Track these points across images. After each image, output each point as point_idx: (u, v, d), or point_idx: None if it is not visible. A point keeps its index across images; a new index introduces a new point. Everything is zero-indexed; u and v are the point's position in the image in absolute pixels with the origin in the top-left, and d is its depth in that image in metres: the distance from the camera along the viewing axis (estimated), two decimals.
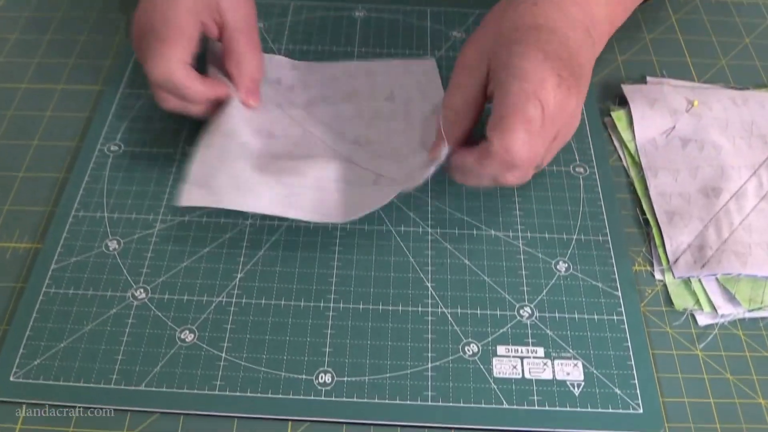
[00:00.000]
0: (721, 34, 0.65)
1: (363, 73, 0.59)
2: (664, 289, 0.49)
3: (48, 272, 0.48)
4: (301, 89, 0.57)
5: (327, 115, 0.55)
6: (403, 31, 0.64)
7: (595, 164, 0.54)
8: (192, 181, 0.48)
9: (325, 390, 0.43)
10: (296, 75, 0.58)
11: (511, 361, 0.45)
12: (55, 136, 0.56)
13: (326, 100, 0.56)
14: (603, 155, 0.55)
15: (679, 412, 0.44)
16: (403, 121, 0.54)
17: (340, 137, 0.53)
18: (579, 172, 0.54)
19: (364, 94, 0.57)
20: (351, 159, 0.51)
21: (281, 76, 0.58)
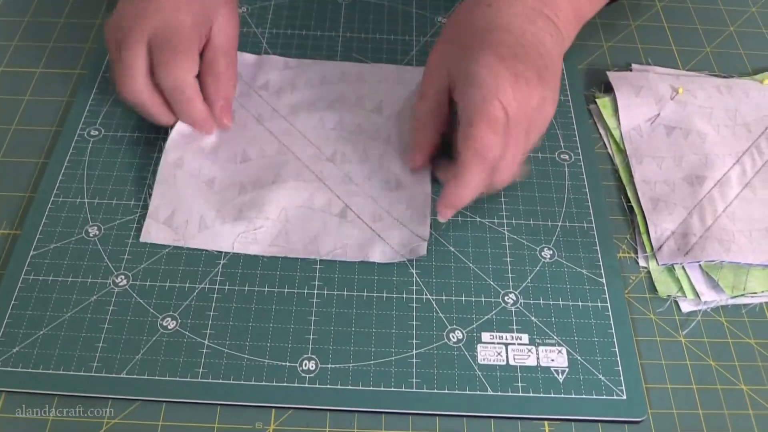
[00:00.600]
0: (706, 22, 0.66)
1: (354, 77, 0.58)
2: (647, 276, 0.49)
3: (27, 259, 0.47)
4: (289, 92, 0.56)
5: (308, 124, 0.54)
6: (388, 16, 0.63)
7: (580, 151, 0.54)
8: (154, 217, 0.49)
9: (309, 377, 0.43)
10: (287, 75, 0.58)
11: (496, 347, 0.45)
12: (34, 121, 0.55)
13: (311, 107, 0.55)
14: (588, 142, 0.55)
15: (662, 398, 0.44)
16: (383, 142, 0.53)
17: (315, 154, 0.53)
18: (564, 159, 0.54)
19: (351, 101, 0.56)
20: (323, 180, 0.51)
21: (270, 79, 0.57)
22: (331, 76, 0.58)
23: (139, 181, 0.51)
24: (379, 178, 0.51)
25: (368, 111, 0.55)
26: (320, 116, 0.55)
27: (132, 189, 0.51)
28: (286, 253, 0.48)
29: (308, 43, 0.61)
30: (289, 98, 0.56)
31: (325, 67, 0.58)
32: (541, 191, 0.52)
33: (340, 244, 0.48)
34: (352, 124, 0.54)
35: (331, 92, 0.57)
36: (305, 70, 0.58)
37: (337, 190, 0.50)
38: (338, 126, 0.54)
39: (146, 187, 0.51)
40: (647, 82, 0.58)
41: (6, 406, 0.42)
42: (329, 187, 0.51)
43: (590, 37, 0.63)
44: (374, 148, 0.53)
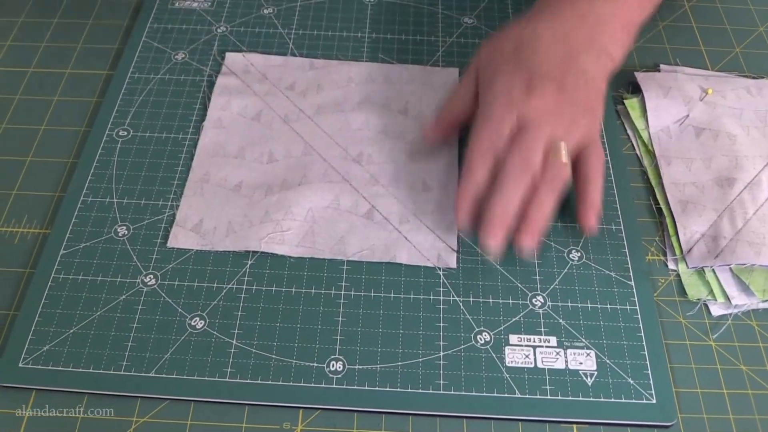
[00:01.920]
0: (736, 22, 0.65)
1: (381, 78, 0.58)
2: (677, 279, 0.48)
3: (57, 258, 0.47)
4: (314, 94, 0.57)
5: (334, 125, 0.54)
6: (414, 17, 0.63)
7: (608, 152, 0.54)
8: (182, 225, 0.49)
9: (337, 378, 0.43)
10: (312, 76, 0.58)
11: (524, 350, 0.44)
12: (63, 121, 0.56)
13: (337, 108, 0.56)
14: (616, 144, 0.55)
15: (692, 402, 0.43)
16: (409, 144, 0.54)
17: (341, 155, 0.53)
18: None
19: (377, 102, 0.56)
20: (349, 181, 0.51)
21: (296, 80, 0.57)
22: (357, 77, 0.58)
23: (167, 181, 0.51)
24: (406, 180, 0.51)
25: (395, 112, 0.55)
26: (346, 117, 0.55)
27: (160, 189, 0.51)
28: (313, 253, 0.48)
29: (334, 44, 0.61)
30: (315, 99, 0.56)
31: (351, 68, 0.58)
32: (569, 193, 0.51)
33: (366, 245, 0.48)
34: (378, 125, 0.54)
35: (357, 93, 0.57)
36: (331, 71, 0.58)
37: (364, 192, 0.50)
38: (364, 127, 0.54)
39: (174, 187, 0.51)
40: (676, 83, 0.57)
41: (36, 404, 0.42)
42: (355, 188, 0.51)
43: None
44: (400, 149, 0.53)
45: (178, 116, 0.55)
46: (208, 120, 0.55)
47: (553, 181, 0.46)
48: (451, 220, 0.49)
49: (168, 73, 0.58)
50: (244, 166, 0.52)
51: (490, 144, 0.47)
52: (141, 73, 0.58)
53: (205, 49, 0.60)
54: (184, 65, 0.59)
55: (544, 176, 0.46)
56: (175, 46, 0.60)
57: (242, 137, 0.54)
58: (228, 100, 0.56)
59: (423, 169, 0.52)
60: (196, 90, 0.57)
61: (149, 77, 0.58)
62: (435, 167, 0.52)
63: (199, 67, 0.59)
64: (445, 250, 0.48)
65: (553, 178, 0.46)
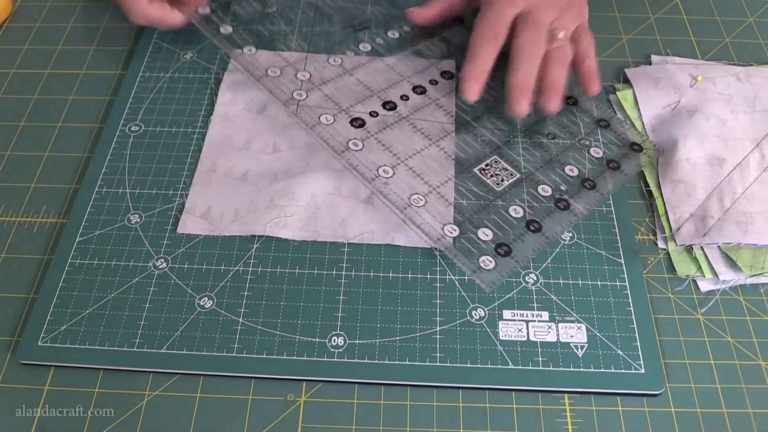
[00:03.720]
0: (725, 13, 0.67)
1: (383, 70, 0.60)
2: (666, 257, 0.50)
3: (73, 244, 0.50)
4: (317, 87, 0.59)
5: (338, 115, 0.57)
6: None
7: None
8: (191, 212, 0.52)
9: (338, 352, 0.45)
10: (315, 71, 0.60)
11: (517, 324, 0.46)
12: (78, 118, 0.59)
13: (339, 99, 0.58)
14: None
15: (680, 373, 0.45)
16: (408, 131, 0.56)
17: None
18: (584, 146, 0.55)
19: (378, 94, 0.58)
20: (351, 168, 0.53)
21: (299, 74, 0.60)
22: (359, 70, 0.60)
23: (177, 172, 0.54)
24: (405, 166, 0.53)
25: (396, 102, 0.58)
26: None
27: (170, 179, 0.54)
28: (315, 237, 0.50)
29: (335, 40, 0.63)
30: (318, 92, 0.58)
31: (352, 62, 0.61)
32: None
33: (367, 229, 0.50)
34: (380, 115, 0.57)
35: (359, 85, 0.59)
36: (333, 65, 0.61)
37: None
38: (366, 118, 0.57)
39: (183, 178, 0.54)
40: (665, 74, 0.59)
41: (55, 380, 0.45)
42: (356, 174, 0.53)
43: (610, 30, 0.65)
44: (401, 137, 0.55)
45: (187, 111, 0.58)
46: (216, 114, 0.57)
47: (561, 57, 0.54)
48: (448, 204, 0.51)
49: (177, 71, 0.61)
50: (250, 157, 0.54)
51: (492, 33, 0.54)
52: (152, 72, 0.61)
53: (212, 48, 0.63)
54: (193, 64, 0.62)
55: (552, 54, 0.54)
56: (184, 46, 0.63)
57: (248, 130, 0.56)
58: (234, 95, 0.58)
59: (420, 157, 0.54)
60: (204, 87, 0.60)
61: (159, 76, 0.61)
62: (429, 148, 0.54)
63: (206, 66, 0.61)
64: (441, 230, 0.50)
65: (560, 54, 0.54)
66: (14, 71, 0.63)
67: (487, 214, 0.51)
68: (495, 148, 0.55)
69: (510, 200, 0.51)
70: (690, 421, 0.43)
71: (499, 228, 0.50)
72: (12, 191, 0.54)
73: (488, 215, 0.51)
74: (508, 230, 0.50)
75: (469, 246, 0.49)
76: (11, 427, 0.43)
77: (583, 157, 0.54)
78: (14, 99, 0.60)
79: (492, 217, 0.50)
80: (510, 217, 0.50)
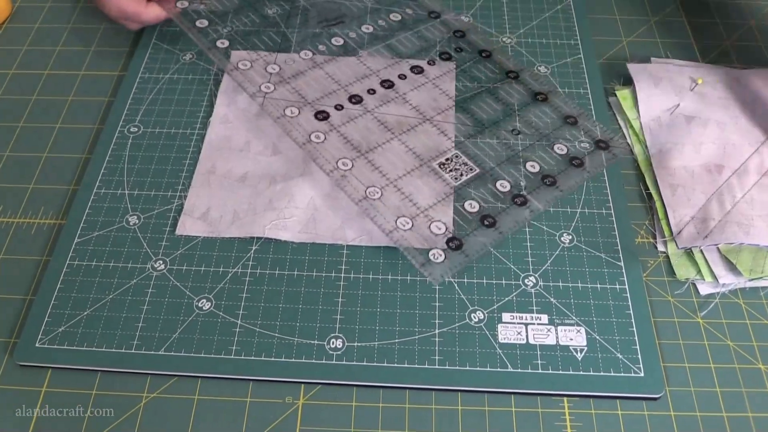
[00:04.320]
0: (726, 16, 0.66)
1: (382, 73, 0.60)
2: (666, 260, 0.50)
3: (71, 246, 0.50)
4: (315, 88, 0.59)
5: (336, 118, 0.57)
6: None
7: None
8: (189, 214, 0.52)
9: (336, 354, 0.45)
10: (313, 72, 0.60)
11: (516, 327, 0.46)
12: (77, 119, 0.59)
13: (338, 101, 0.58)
14: None
15: (679, 376, 0.45)
16: (406, 134, 0.55)
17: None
18: (584, 148, 0.55)
19: (377, 96, 0.58)
20: (349, 170, 0.53)
21: (298, 76, 0.60)
22: (357, 73, 0.60)
23: (175, 173, 0.54)
24: (403, 168, 0.53)
25: (394, 103, 0.58)
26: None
27: (169, 181, 0.53)
28: (314, 239, 0.50)
29: (336, 41, 0.63)
30: (317, 93, 0.58)
31: (352, 64, 0.61)
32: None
33: (365, 231, 0.50)
34: (378, 117, 0.57)
35: (358, 87, 0.59)
36: (332, 67, 0.60)
37: (363, 179, 0.53)
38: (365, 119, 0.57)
39: (182, 179, 0.53)
40: (667, 74, 0.59)
41: (52, 381, 0.45)
42: (355, 176, 0.53)
43: (610, 32, 0.65)
44: (398, 140, 0.55)
45: (186, 113, 0.58)
46: (215, 116, 0.57)
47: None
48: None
49: (176, 72, 0.61)
50: (248, 159, 0.54)
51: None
52: (151, 73, 0.61)
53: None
54: (192, 65, 0.62)
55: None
56: (183, 47, 0.63)
57: (247, 132, 0.56)
58: (233, 97, 0.58)
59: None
60: (203, 88, 0.60)
61: (159, 77, 0.61)
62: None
63: (206, 67, 0.61)
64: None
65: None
66: (13, 72, 0.62)
67: (442, 208, 0.50)
68: (458, 143, 0.55)
69: (466, 195, 0.51)
70: (689, 425, 0.43)
71: (453, 222, 0.50)
72: (10, 192, 0.54)
73: (443, 209, 0.50)
74: (462, 224, 0.50)
75: (422, 238, 0.49)
76: (9, 428, 0.43)
77: (547, 153, 0.54)
78: (13, 99, 0.60)
79: (447, 212, 0.50)
80: (464, 212, 0.50)
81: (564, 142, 0.55)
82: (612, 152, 0.54)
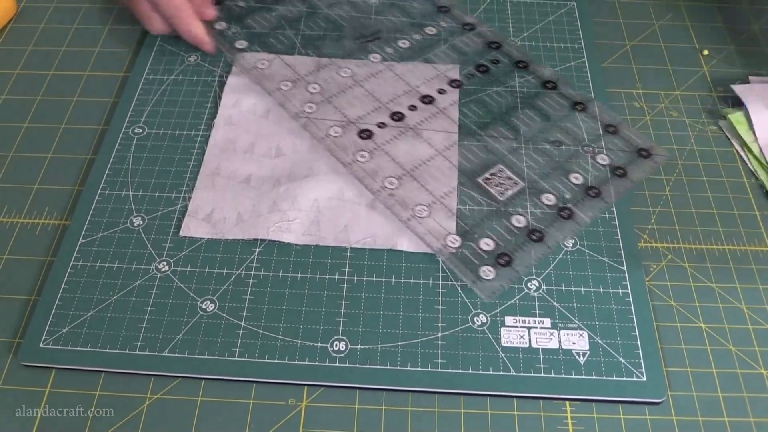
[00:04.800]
0: (732, 20, 0.66)
1: (386, 75, 0.60)
2: (669, 264, 0.50)
3: (76, 246, 0.50)
4: (321, 91, 0.59)
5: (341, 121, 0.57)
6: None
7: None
8: (193, 215, 0.52)
9: (339, 357, 0.45)
10: (319, 75, 0.60)
11: (519, 331, 0.46)
12: (82, 120, 0.59)
13: (343, 103, 0.58)
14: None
15: (681, 381, 0.45)
16: (411, 137, 0.56)
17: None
18: (587, 151, 0.55)
19: (382, 99, 0.59)
20: (353, 173, 0.53)
21: (303, 79, 0.60)
22: (362, 75, 0.60)
23: (180, 175, 0.54)
24: (410, 176, 0.53)
25: (399, 107, 0.58)
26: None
27: (173, 182, 0.54)
28: (317, 241, 0.50)
29: (340, 44, 0.63)
30: (322, 96, 0.59)
31: (357, 66, 0.61)
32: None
33: (369, 234, 0.50)
34: (383, 120, 0.57)
35: (363, 90, 0.59)
36: (337, 69, 0.61)
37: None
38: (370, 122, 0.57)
39: (186, 181, 0.54)
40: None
41: (56, 382, 0.45)
42: (359, 179, 0.53)
43: (614, 36, 0.65)
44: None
45: (190, 114, 0.58)
46: (219, 117, 0.57)
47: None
48: (451, 214, 0.51)
49: (181, 74, 0.61)
50: (253, 161, 0.54)
51: None
52: (155, 75, 0.61)
53: (216, 51, 0.63)
54: (197, 67, 0.62)
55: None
56: (188, 48, 0.63)
57: (252, 133, 0.56)
58: (238, 99, 0.59)
59: (425, 167, 0.54)
60: (208, 90, 0.60)
61: (163, 78, 0.61)
62: (435, 158, 0.54)
63: (210, 68, 0.61)
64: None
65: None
66: (18, 72, 0.63)
67: (489, 224, 0.51)
68: (500, 156, 0.55)
69: (513, 210, 0.51)
70: (691, 430, 0.43)
71: (501, 238, 0.50)
72: (15, 192, 0.54)
73: (491, 225, 0.51)
74: (509, 240, 0.50)
75: (470, 256, 0.49)
76: (13, 428, 0.43)
77: (589, 164, 0.54)
78: (18, 100, 0.60)
79: (494, 227, 0.50)
80: (512, 227, 0.50)
81: (606, 152, 0.55)
82: (654, 160, 0.54)
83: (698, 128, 0.58)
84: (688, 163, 0.56)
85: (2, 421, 0.43)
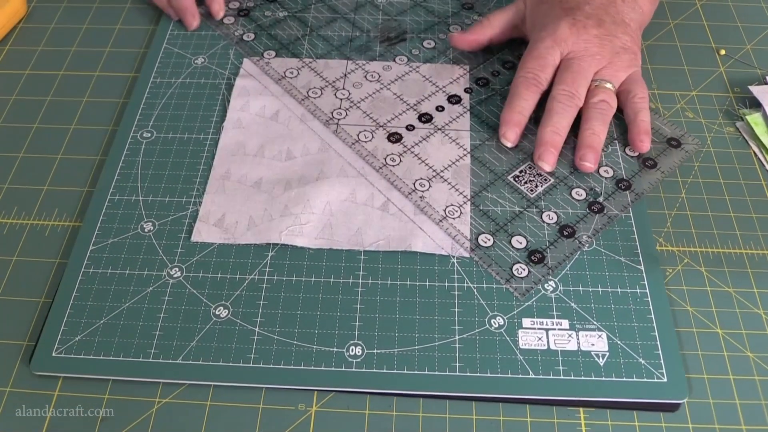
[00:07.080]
0: (748, 19, 0.66)
1: (395, 76, 0.60)
2: (685, 268, 0.49)
3: (86, 253, 0.50)
4: (330, 92, 0.59)
5: (350, 122, 0.56)
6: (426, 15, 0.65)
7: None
8: (204, 220, 0.51)
9: (356, 362, 0.45)
10: (327, 76, 0.60)
11: (537, 332, 0.46)
12: (92, 120, 0.58)
13: (352, 105, 0.58)
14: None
15: (698, 387, 0.44)
16: (421, 138, 0.55)
17: (357, 150, 0.55)
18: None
19: (391, 100, 0.58)
20: (365, 175, 0.53)
21: (311, 80, 0.60)
22: (371, 76, 0.60)
23: (189, 179, 0.54)
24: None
25: (408, 107, 0.57)
26: (361, 114, 0.57)
27: (183, 187, 0.53)
28: (331, 245, 0.50)
29: (348, 45, 0.62)
30: (330, 97, 0.58)
31: (365, 68, 0.60)
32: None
33: (382, 236, 0.50)
34: (393, 121, 0.56)
35: (371, 91, 0.58)
36: (345, 70, 0.60)
37: (379, 185, 0.52)
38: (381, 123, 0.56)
39: (196, 185, 0.53)
40: None
41: (65, 386, 0.45)
42: (371, 182, 0.52)
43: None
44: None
45: (198, 118, 0.58)
46: (228, 121, 0.57)
47: (602, 111, 0.53)
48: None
49: (189, 77, 0.61)
50: (263, 164, 0.54)
51: (534, 75, 0.54)
52: (163, 78, 0.60)
53: (223, 53, 0.62)
54: (204, 69, 0.61)
55: (593, 107, 0.53)
56: (195, 51, 0.63)
57: (261, 136, 0.56)
58: (246, 101, 0.58)
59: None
60: (216, 92, 0.59)
61: (171, 81, 0.60)
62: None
63: (218, 71, 0.61)
64: (458, 239, 0.49)
65: (602, 108, 0.53)
66: (28, 72, 0.62)
67: (521, 222, 0.50)
68: (528, 153, 0.54)
69: (544, 206, 0.51)
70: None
71: (533, 235, 0.49)
72: (25, 193, 0.54)
73: (522, 223, 0.50)
74: (541, 237, 0.49)
75: (503, 255, 0.48)
76: (21, 431, 0.43)
77: (619, 156, 0.54)
78: (28, 100, 0.60)
79: (526, 225, 0.50)
80: (543, 224, 0.50)
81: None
82: (685, 149, 0.53)
83: (715, 129, 0.58)
84: (705, 165, 0.55)
85: (10, 424, 0.43)
